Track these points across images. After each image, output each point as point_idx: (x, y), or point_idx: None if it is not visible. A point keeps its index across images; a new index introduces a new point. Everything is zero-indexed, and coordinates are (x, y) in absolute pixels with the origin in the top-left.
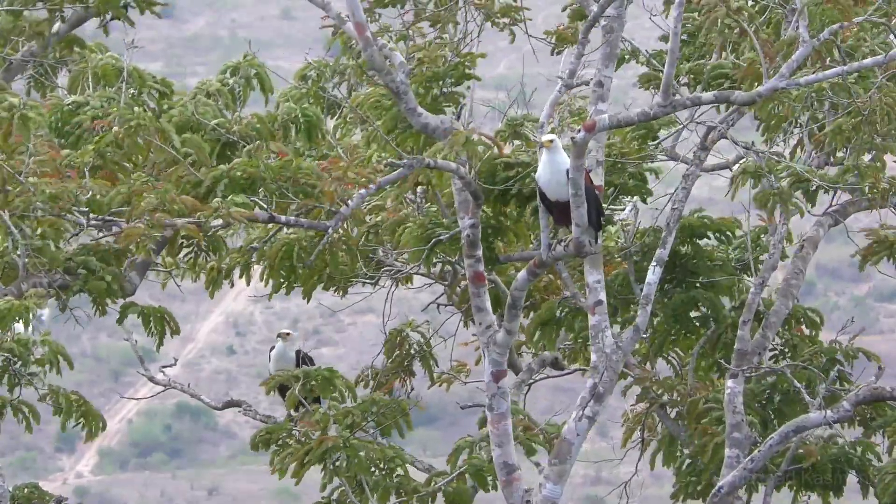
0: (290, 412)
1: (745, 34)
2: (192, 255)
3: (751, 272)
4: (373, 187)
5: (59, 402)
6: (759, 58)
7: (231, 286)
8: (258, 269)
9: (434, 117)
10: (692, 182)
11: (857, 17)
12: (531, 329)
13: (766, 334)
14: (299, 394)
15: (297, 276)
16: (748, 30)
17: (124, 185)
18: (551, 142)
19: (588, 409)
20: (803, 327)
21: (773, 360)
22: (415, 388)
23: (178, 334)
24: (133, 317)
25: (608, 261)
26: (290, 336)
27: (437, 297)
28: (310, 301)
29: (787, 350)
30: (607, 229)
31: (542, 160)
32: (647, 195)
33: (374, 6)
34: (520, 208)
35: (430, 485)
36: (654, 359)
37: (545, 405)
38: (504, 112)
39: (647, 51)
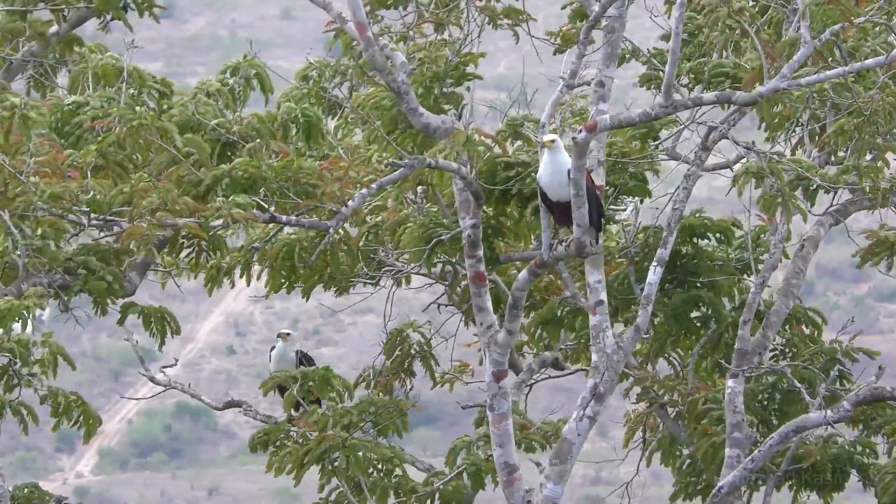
0: (291, 412)
1: (747, 35)
2: (193, 254)
3: (751, 272)
4: (374, 187)
5: (59, 403)
6: (760, 59)
7: (232, 286)
8: (258, 269)
9: (435, 117)
10: (693, 182)
11: (858, 18)
12: (532, 328)
13: (766, 334)
14: (298, 394)
15: (298, 275)
16: (749, 30)
17: (126, 185)
18: (553, 142)
19: (589, 409)
20: (803, 327)
21: (774, 360)
22: (414, 388)
23: (178, 334)
24: (133, 317)
25: (609, 261)
26: (291, 336)
27: (437, 298)
28: (309, 301)
29: (787, 350)
30: (608, 229)
31: (543, 160)
32: (647, 195)
33: (375, 7)
34: (520, 208)
35: (429, 485)
36: (655, 359)
37: (545, 405)
38: (505, 112)
39: (649, 50)
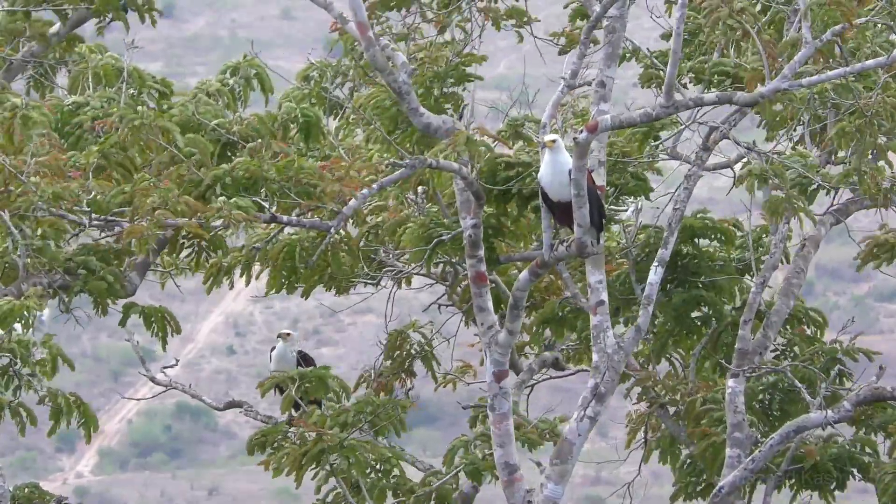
0: (291, 412)
1: (748, 35)
2: (193, 254)
3: (752, 272)
4: (375, 187)
5: (59, 404)
6: (762, 60)
7: (230, 287)
8: (259, 269)
9: (436, 117)
10: (694, 182)
11: (859, 18)
12: (534, 328)
13: (767, 334)
14: (296, 395)
15: (299, 275)
16: (750, 31)
17: (126, 185)
18: (554, 142)
19: (590, 409)
20: (804, 327)
21: (776, 360)
22: (414, 388)
23: (178, 333)
24: (134, 317)
25: (609, 261)
26: (291, 336)
27: (438, 298)
28: (309, 300)
29: (788, 350)
30: (609, 229)
31: (544, 160)
32: (648, 192)
33: (377, 7)
34: (520, 207)
35: (426, 485)
36: (657, 359)
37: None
38: (506, 113)
39: (649, 49)
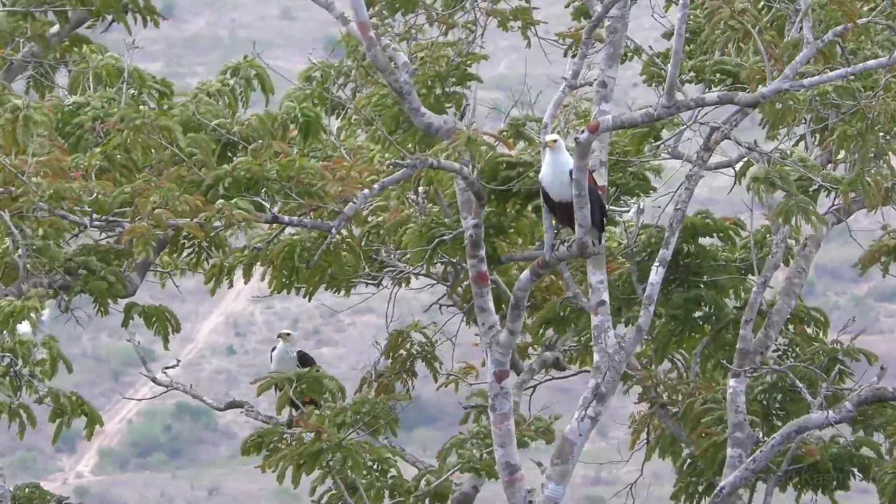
0: (291, 413)
1: (749, 36)
2: (193, 254)
3: (754, 272)
4: (376, 187)
5: (61, 404)
6: (762, 60)
7: (230, 286)
8: (259, 269)
9: (437, 117)
10: (695, 182)
11: (861, 19)
12: (535, 328)
13: (768, 333)
14: (294, 395)
15: (300, 276)
16: (752, 31)
17: (127, 185)
18: (555, 142)
19: (590, 409)
20: (805, 326)
21: (778, 360)
22: (415, 388)
23: (178, 332)
24: (134, 317)
25: (611, 261)
26: (291, 336)
27: (439, 298)
28: (311, 301)
29: (790, 350)
30: (610, 230)
31: (545, 160)
32: (650, 191)
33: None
34: (521, 207)
35: (420, 481)
36: (659, 359)
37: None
38: (507, 113)
39: (650, 47)
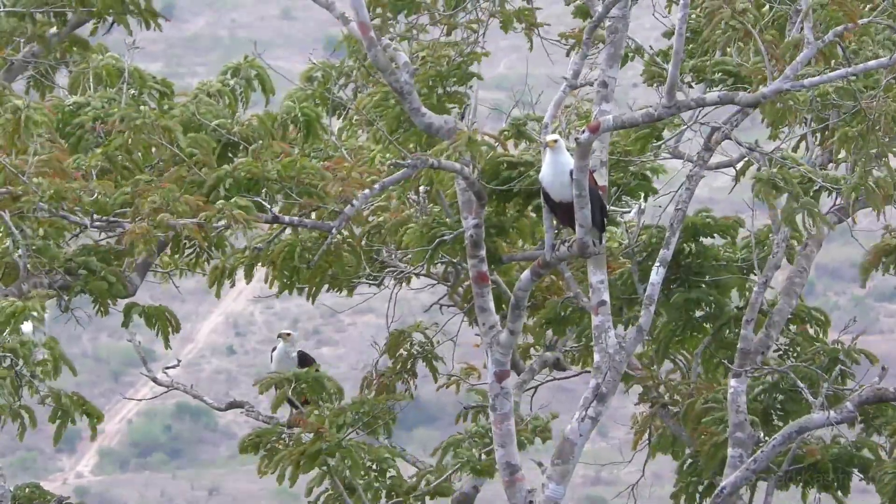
0: (292, 412)
1: (750, 36)
2: (194, 255)
3: (755, 272)
4: (377, 187)
5: (62, 404)
6: (763, 61)
7: (232, 286)
8: (261, 270)
9: (438, 117)
10: (696, 183)
11: (862, 19)
12: (537, 328)
13: (769, 333)
14: (293, 396)
15: (301, 276)
16: (752, 31)
17: (128, 186)
18: (555, 142)
19: (591, 409)
20: (807, 326)
21: (779, 360)
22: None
23: (178, 332)
24: (134, 317)
25: (611, 261)
26: (291, 336)
27: (440, 298)
28: (315, 302)
29: (791, 349)
30: (611, 230)
31: (545, 161)
32: (651, 192)
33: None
34: (521, 206)
35: (420, 481)
36: (661, 360)
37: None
38: (508, 113)
39: (651, 46)
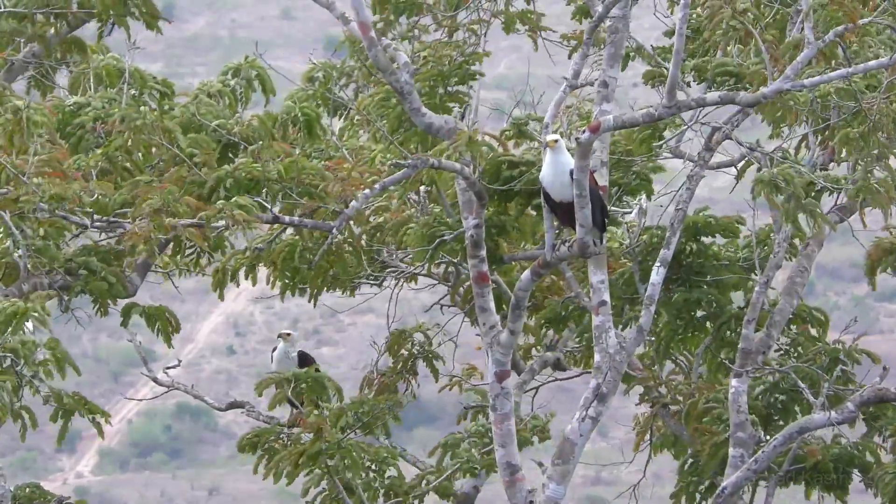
0: (292, 411)
1: (750, 36)
2: (194, 255)
3: (756, 272)
4: (377, 187)
5: (64, 404)
6: (764, 61)
7: (237, 286)
8: (262, 270)
9: (438, 117)
10: (696, 183)
11: (862, 20)
12: (537, 328)
13: (770, 333)
14: (292, 396)
15: (301, 276)
16: (753, 31)
17: (128, 187)
18: (556, 142)
19: (591, 409)
20: (808, 326)
21: (781, 360)
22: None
23: (178, 332)
24: (134, 317)
25: (612, 261)
26: (291, 336)
27: (440, 298)
28: (316, 303)
29: (792, 349)
30: (611, 230)
31: (546, 161)
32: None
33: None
34: (522, 206)
35: (421, 482)
36: (662, 360)
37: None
38: (509, 113)
39: (652, 46)
